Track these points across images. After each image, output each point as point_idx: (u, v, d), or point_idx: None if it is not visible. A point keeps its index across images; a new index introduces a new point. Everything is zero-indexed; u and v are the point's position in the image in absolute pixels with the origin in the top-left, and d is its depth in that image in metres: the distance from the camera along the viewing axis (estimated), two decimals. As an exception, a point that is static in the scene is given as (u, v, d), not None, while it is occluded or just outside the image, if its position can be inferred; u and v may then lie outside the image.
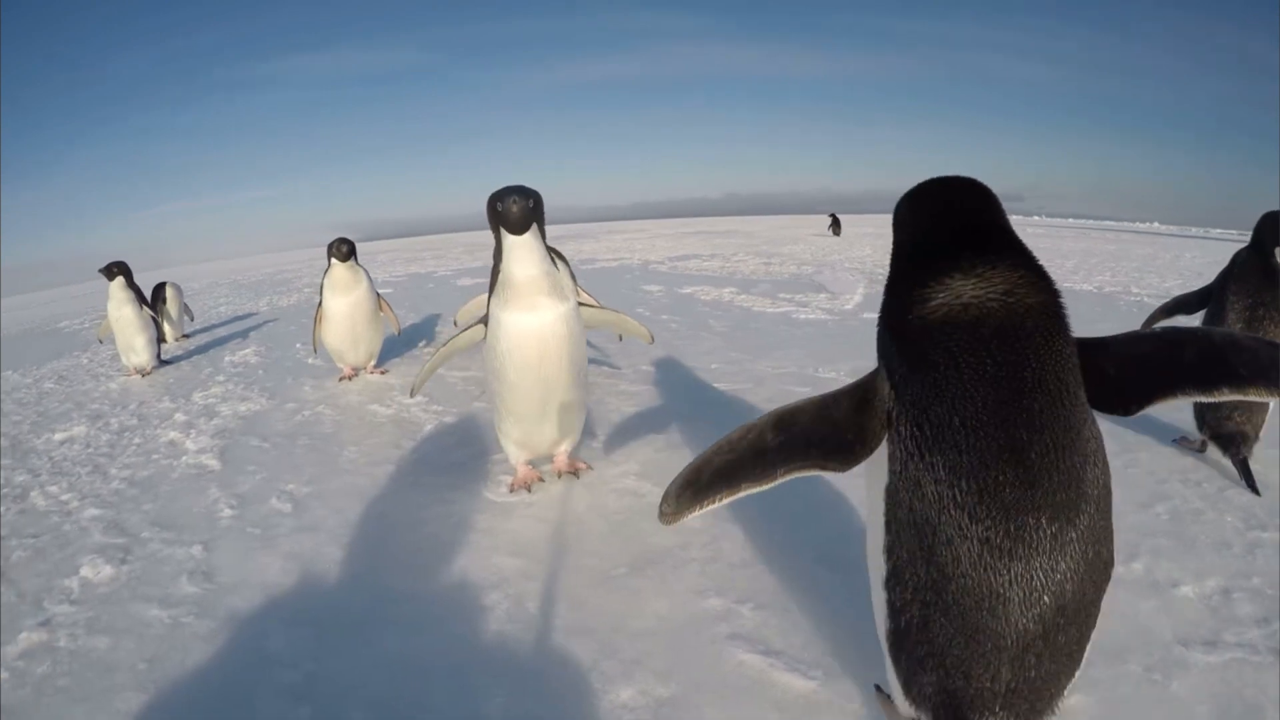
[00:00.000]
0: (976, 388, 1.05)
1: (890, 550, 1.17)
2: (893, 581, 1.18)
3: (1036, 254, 1.20)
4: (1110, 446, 1.18)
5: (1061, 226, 25.81)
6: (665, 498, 1.34)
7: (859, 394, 1.23)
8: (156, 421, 5.03)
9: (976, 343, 1.07)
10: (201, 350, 7.91)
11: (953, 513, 1.04)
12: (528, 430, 2.82)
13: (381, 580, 2.48)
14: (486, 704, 1.79)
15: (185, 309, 9.23)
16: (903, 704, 1.28)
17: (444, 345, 3.06)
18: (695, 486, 1.30)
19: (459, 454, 3.60)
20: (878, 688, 1.56)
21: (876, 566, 1.25)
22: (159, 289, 8.62)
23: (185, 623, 2.38)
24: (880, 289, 1.39)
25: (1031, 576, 1.02)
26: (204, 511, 3.29)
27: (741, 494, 1.29)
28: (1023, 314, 1.07)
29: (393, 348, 5.76)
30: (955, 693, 1.12)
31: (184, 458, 4.36)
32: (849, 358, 4.69)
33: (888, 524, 1.18)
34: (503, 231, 2.48)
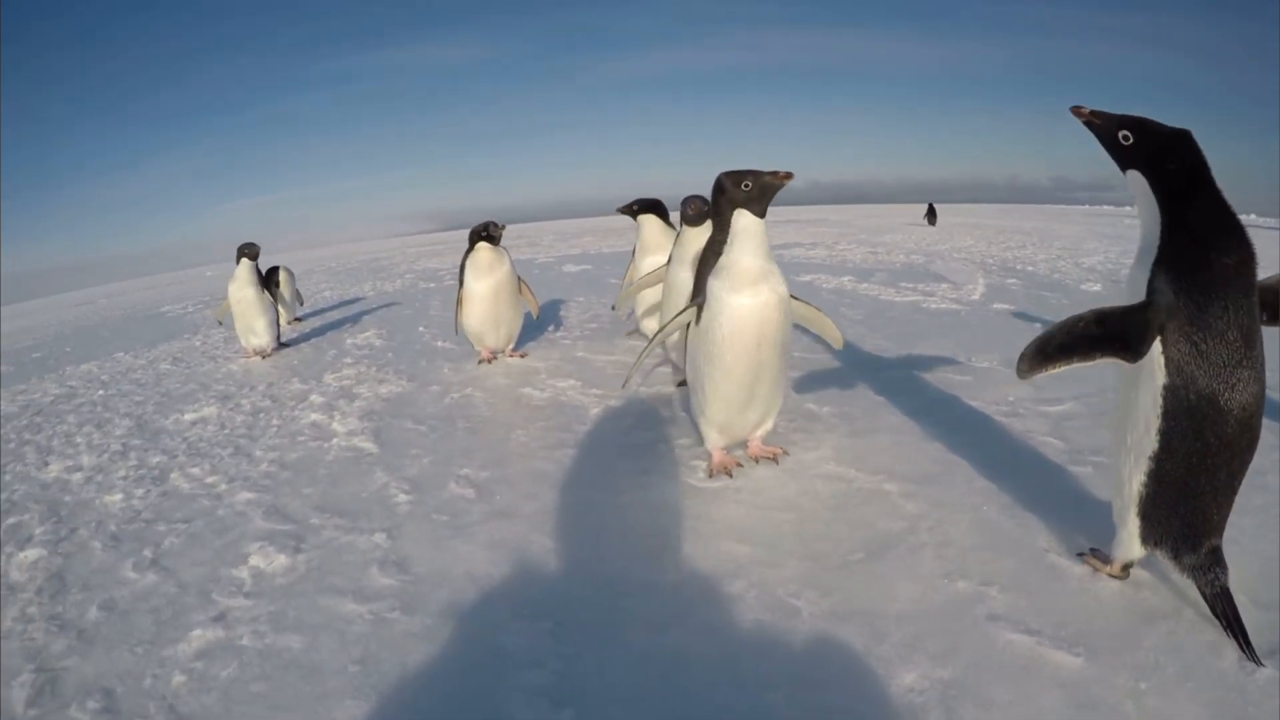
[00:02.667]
0: (1235, 318, 1.76)
1: (1164, 433, 1.86)
2: (1163, 455, 1.87)
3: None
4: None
5: None
6: (1022, 358, 1.91)
7: (1144, 313, 1.86)
8: (292, 403, 5.40)
9: (1237, 292, 1.77)
10: (318, 333, 8.79)
11: (1219, 401, 1.76)
12: (731, 414, 2.98)
13: (607, 569, 2.51)
14: (769, 695, 1.85)
15: (297, 293, 9.55)
16: (1134, 550, 2.04)
17: (658, 331, 3.28)
18: (1044, 354, 1.90)
19: (637, 437, 3.72)
20: (1088, 551, 2.27)
21: (1143, 449, 1.91)
22: (272, 272, 9.02)
23: (391, 618, 2.39)
24: (996, 280, 2.58)
25: (1255, 440, 1.81)
26: (374, 497, 3.41)
27: (1073, 365, 1.89)
28: (1249, 275, 1.79)
29: (526, 332, 6.04)
30: (1197, 525, 1.88)
31: (335, 440, 4.49)
32: (996, 347, 4.93)
33: (1165, 413, 1.84)
34: (736, 214, 2.75)
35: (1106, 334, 1.86)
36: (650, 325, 5.76)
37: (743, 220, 2.75)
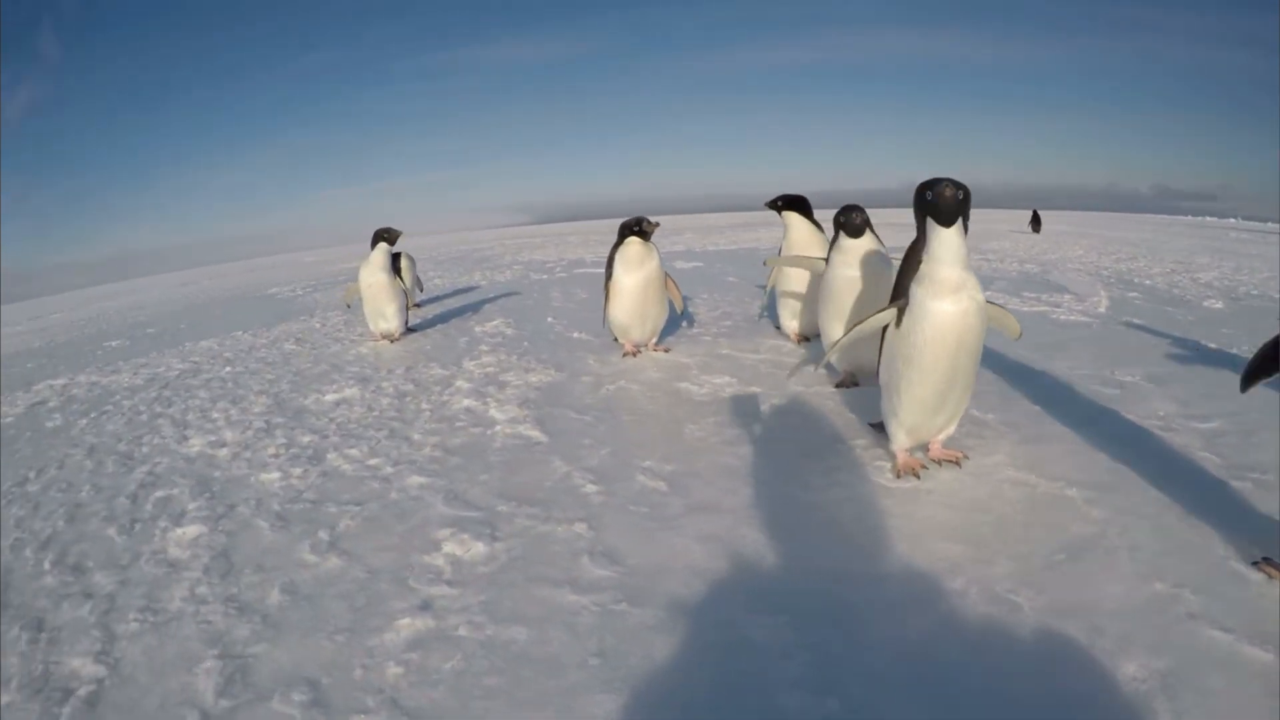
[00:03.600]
0: None
1: None
2: None
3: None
4: None
5: (1263, 232, 23.00)
6: (1244, 378, 2.30)
7: None
8: (437, 388, 5.47)
9: None
10: (441, 320, 8.94)
11: None
12: (922, 417, 3.12)
13: (826, 563, 2.58)
14: (1017, 684, 1.96)
15: (417, 279, 9.64)
16: None
17: (854, 326, 3.34)
18: (1263, 365, 2.23)
19: (812, 436, 3.80)
20: (1261, 560, 2.37)
21: None
22: (395, 258, 8.92)
23: (619, 610, 2.38)
24: (1117, 294, 4.93)
25: None
26: (559, 486, 3.42)
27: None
28: None
29: (665, 327, 6.32)
30: None
31: (497, 427, 4.42)
32: (1136, 363, 4.96)
33: None
34: (930, 222, 2.87)
35: None
36: (792, 326, 5.88)
37: (954, 230, 2.87)
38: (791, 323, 5.80)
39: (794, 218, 5.61)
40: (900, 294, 3.04)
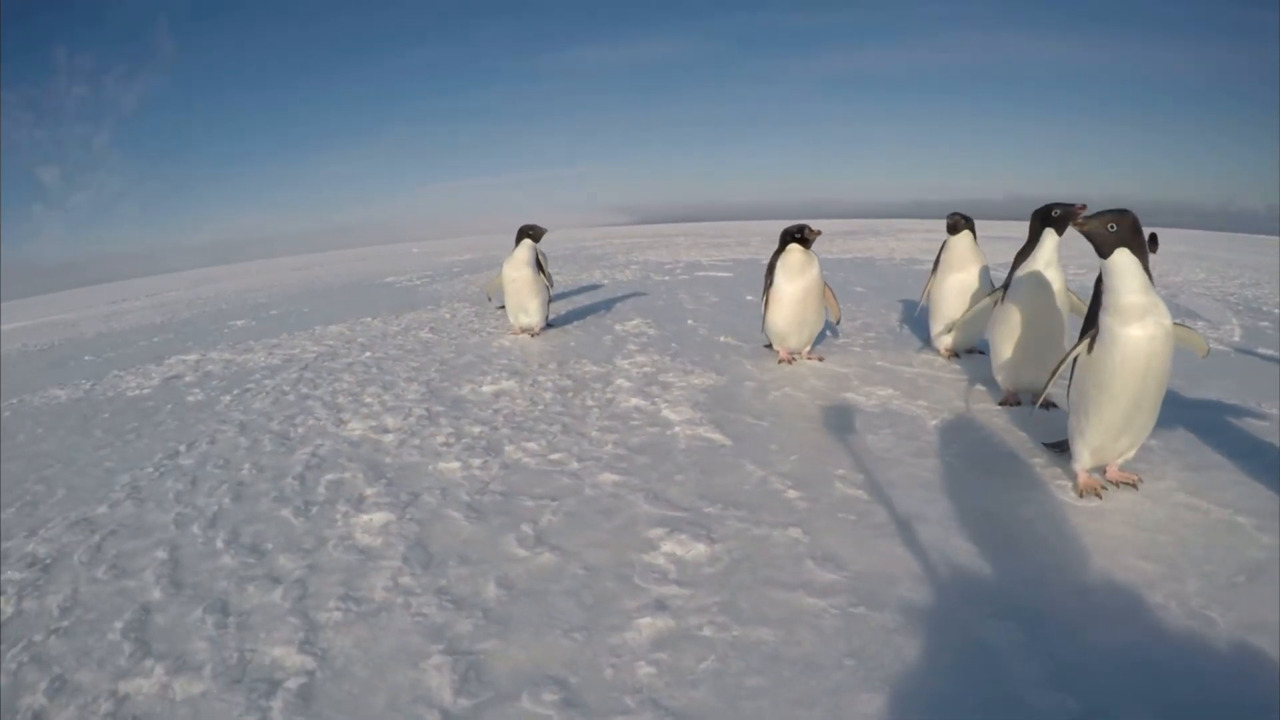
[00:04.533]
0: None
1: None
2: None
3: None
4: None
5: None
6: None
7: None
8: (597, 385, 5.49)
9: None
10: (577, 316, 8.99)
11: None
12: (1107, 439, 3.25)
13: (1036, 575, 2.66)
14: (1223, 691, 2.05)
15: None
16: None
17: (1066, 355, 3.48)
18: None
19: (991, 453, 3.86)
20: None
21: None
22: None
23: (859, 614, 2.44)
24: (1248, 322, 4.60)
25: None
26: (759, 490, 3.45)
27: None
28: None
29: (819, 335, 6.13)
30: None
31: (676, 428, 4.40)
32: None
33: None
34: (1116, 253, 3.06)
35: None
36: (948, 339, 5.80)
37: (1121, 257, 3.05)
38: (945, 338, 5.75)
39: (963, 237, 5.61)
40: (1090, 324, 3.20)
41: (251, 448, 4.63)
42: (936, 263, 5.75)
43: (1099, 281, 3.18)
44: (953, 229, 5.61)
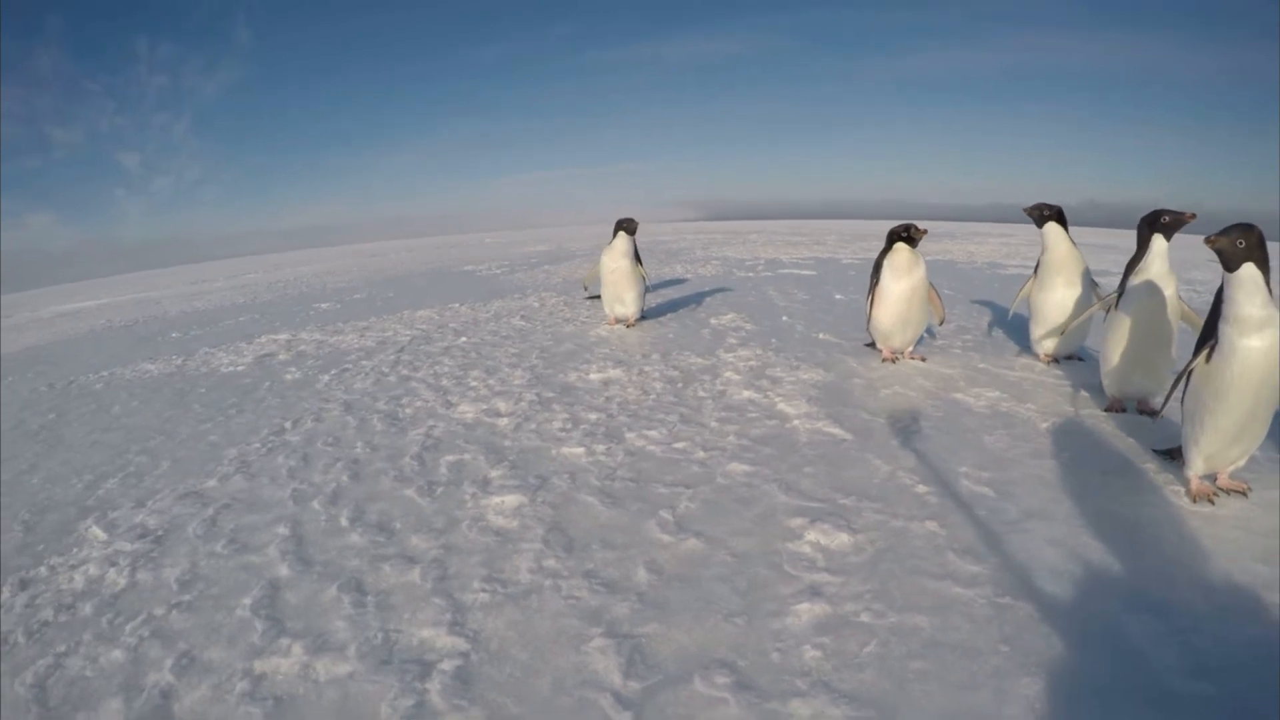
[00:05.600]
0: None
1: None
2: None
3: None
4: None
5: None
6: None
7: None
8: (705, 377, 5.53)
9: None
10: (669, 310, 8.99)
11: None
12: (1221, 446, 3.32)
13: (1165, 571, 2.72)
14: None
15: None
16: None
17: (1180, 374, 3.53)
18: None
19: (1105, 457, 3.87)
20: None
21: None
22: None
23: (1003, 603, 2.52)
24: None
25: None
26: (888, 484, 3.52)
27: None
28: None
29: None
30: None
31: (795, 422, 4.45)
32: None
33: None
34: (1244, 267, 3.11)
35: None
36: (1048, 345, 5.75)
37: (1246, 271, 3.11)
38: (1046, 343, 5.68)
39: (1054, 232, 5.48)
40: (1210, 335, 3.27)
41: (360, 426, 4.75)
42: (1037, 266, 5.70)
43: (1219, 293, 3.25)
44: (1039, 220, 5.54)
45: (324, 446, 4.39)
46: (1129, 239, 4.35)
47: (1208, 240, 3.17)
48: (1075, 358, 5.66)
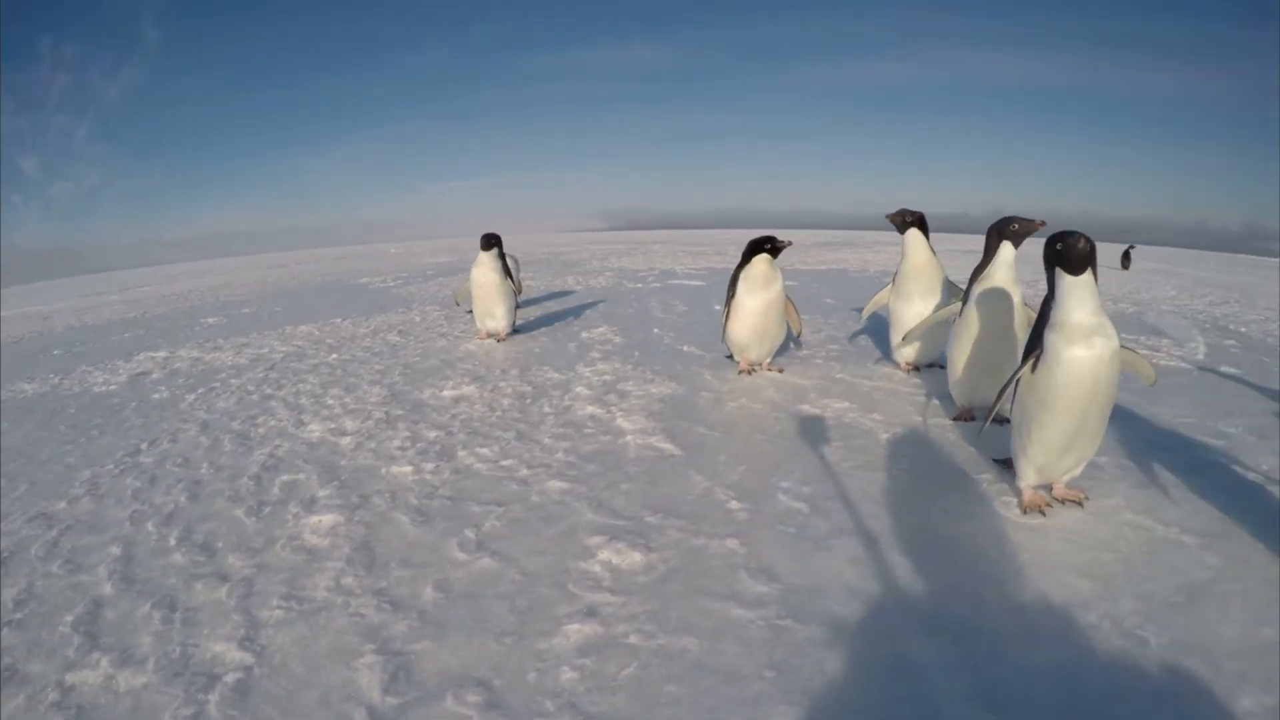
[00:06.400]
0: None
1: None
2: None
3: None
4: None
5: None
6: None
7: None
8: (556, 392, 5.52)
9: None
10: (545, 323, 9.04)
11: None
12: (1051, 457, 3.23)
13: (971, 591, 2.67)
14: (1153, 713, 2.08)
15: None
16: None
17: (1005, 384, 3.42)
18: None
19: (940, 468, 3.87)
20: None
21: None
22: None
23: (785, 626, 2.46)
24: (1214, 340, 4.78)
25: None
26: (702, 501, 3.47)
27: None
28: None
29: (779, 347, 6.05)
30: None
31: (628, 437, 4.44)
32: (1238, 414, 4.96)
33: None
34: (1059, 272, 3.05)
35: None
36: (908, 353, 5.80)
37: (1065, 279, 3.03)
38: (905, 349, 5.71)
39: (914, 239, 5.48)
40: (1035, 344, 3.16)
41: (212, 447, 4.65)
42: (896, 273, 5.72)
43: (1046, 300, 3.16)
44: (900, 226, 5.50)
45: (172, 468, 4.30)
46: (1024, 244, 4.41)
47: (1058, 239, 3.04)
48: (937, 365, 5.67)
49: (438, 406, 5.18)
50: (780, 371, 5.85)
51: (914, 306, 5.45)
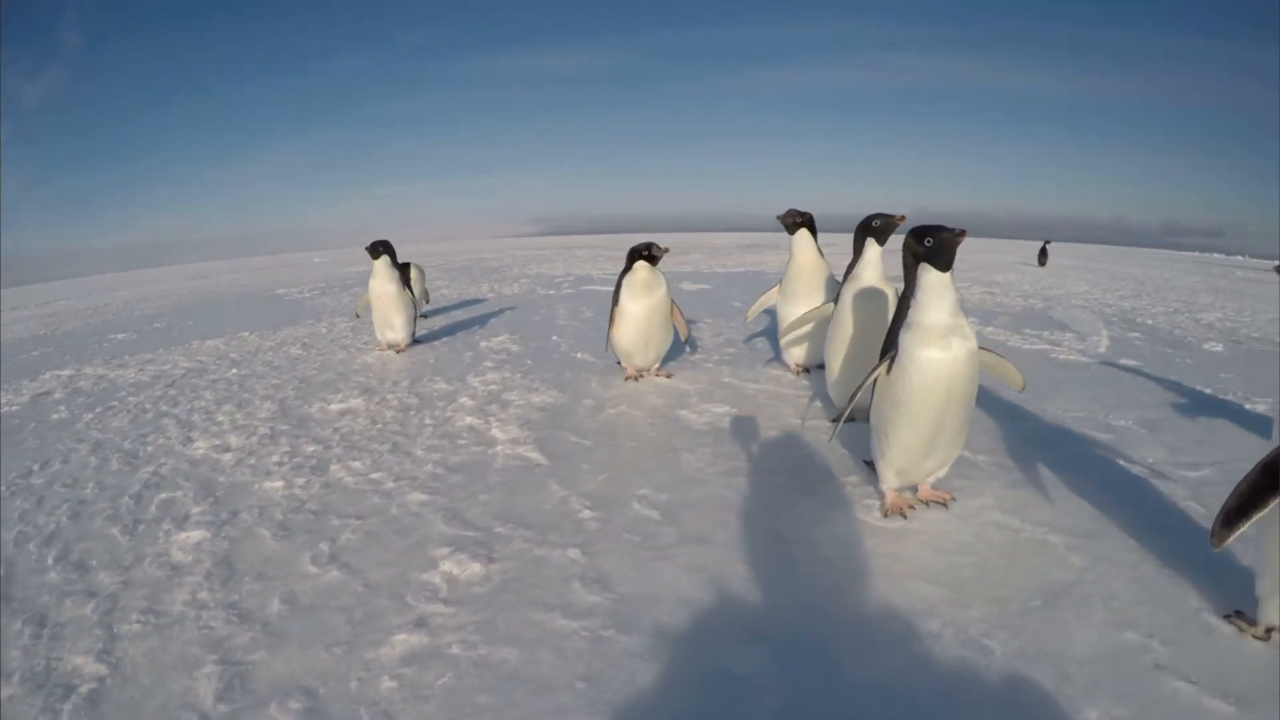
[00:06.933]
0: None
1: None
2: None
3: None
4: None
5: (1270, 270, 23.22)
6: (1212, 534, 2.17)
7: None
8: (441, 404, 5.58)
9: None
10: (448, 333, 9.05)
11: None
12: (911, 460, 3.14)
13: (810, 600, 2.65)
14: None
15: (425, 291, 9.81)
16: (1276, 620, 2.27)
17: (855, 390, 3.34)
18: (1229, 523, 2.13)
19: (807, 473, 3.85)
20: (1233, 613, 2.41)
21: None
22: (404, 268, 9.04)
23: (607, 636, 2.47)
24: (1118, 333, 5.09)
25: None
26: (557, 511, 3.49)
27: (1254, 519, 2.11)
28: None
29: (668, 351, 6.06)
30: None
31: (499, 447, 4.52)
32: (1131, 407, 5.03)
33: None
34: (924, 268, 2.94)
35: (1276, 481, 2.07)
36: (796, 353, 5.84)
37: (928, 275, 2.92)
38: (793, 350, 5.76)
39: (801, 240, 5.51)
40: (891, 344, 3.08)
41: (100, 466, 4.65)
42: (784, 275, 5.65)
43: (903, 298, 3.06)
44: (790, 227, 5.50)
45: (60, 488, 4.29)
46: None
47: (927, 232, 2.92)
48: None
49: (322, 420, 5.21)
50: (668, 377, 5.85)
51: (799, 307, 5.43)
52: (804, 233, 5.51)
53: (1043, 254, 21.82)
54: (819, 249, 5.50)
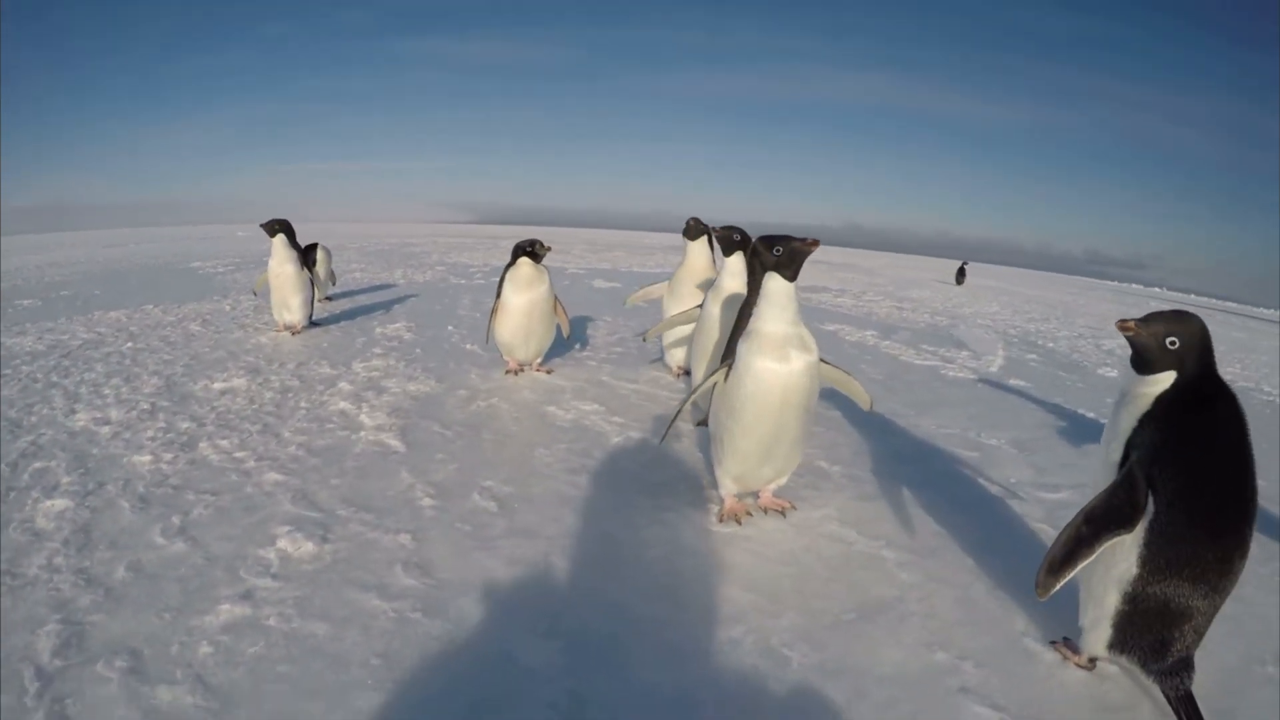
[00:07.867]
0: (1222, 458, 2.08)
1: (1145, 561, 2.05)
2: (1144, 580, 2.05)
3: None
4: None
5: (1183, 304, 24.54)
6: (1038, 584, 2.12)
7: (1126, 489, 2.09)
8: (320, 387, 5.63)
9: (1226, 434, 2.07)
10: (348, 316, 9.11)
11: (1206, 538, 2.01)
12: (747, 468, 3.13)
13: (620, 600, 2.67)
14: None
15: (331, 273, 9.78)
16: (1100, 651, 2.24)
17: (691, 392, 3.44)
18: (1054, 571, 2.10)
19: (655, 473, 3.91)
20: (1060, 640, 2.43)
21: (1123, 572, 2.10)
22: (310, 249, 9.12)
23: (413, 619, 2.56)
24: (1016, 354, 5.22)
25: (1238, 570, 2.00)
26: (400, 497, 3.58)
27: (1079, 567, 2.10)
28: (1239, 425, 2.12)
29: (554, 348, 6.33)
30: (1170, 641, 2.04)
31: (362, 433, 4.66)
32: (1007, 426, 5.11)
33: (1147, 542, 2.05)
34: (766, 277, 2.94)
35: (1099, 529, 2.07)
36: (678, 355, 5.98)
37: (772, 284, 2.90)
38: (675, 352, 5.84)
39: (699, 246, 5.59)
40: (730, 352, 3.06)
41: (-19, 435, 4.70)
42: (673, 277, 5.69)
43: (744, 306, 3.11)
44: (688, 233, 5.56)
45: (-63, 455, 4.35)
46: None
47: (776, 241, 2.91)
48: None
49: (203, 399, 5.28)
50: (549, 372, 5.98)
51: (683, 308, 5.44)
52: (702, 241, 5.56)
53: (960, 274, 22.28)
54: (713, 258, 5.48)
